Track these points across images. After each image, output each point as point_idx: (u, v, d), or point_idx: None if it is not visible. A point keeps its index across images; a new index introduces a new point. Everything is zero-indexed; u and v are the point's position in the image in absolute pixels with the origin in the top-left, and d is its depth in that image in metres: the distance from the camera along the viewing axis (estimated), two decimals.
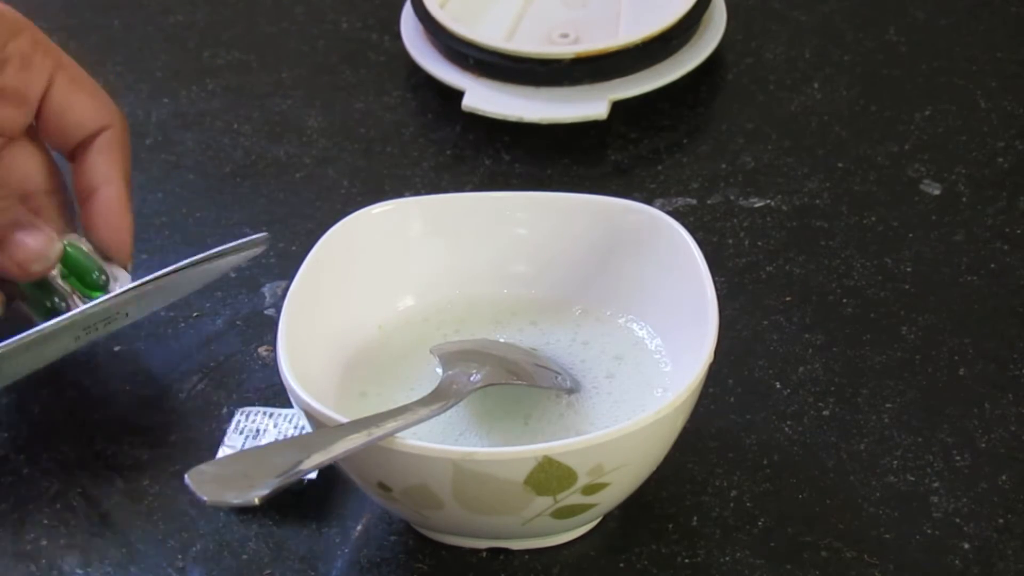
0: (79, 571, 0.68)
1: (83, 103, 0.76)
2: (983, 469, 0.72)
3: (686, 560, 0.68)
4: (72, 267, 0.75)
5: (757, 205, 0.87)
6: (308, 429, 0.67)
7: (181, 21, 1.05)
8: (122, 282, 0.76)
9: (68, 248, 0.75)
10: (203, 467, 0.60)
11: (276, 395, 0.75)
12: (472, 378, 0.69)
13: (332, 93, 0.98)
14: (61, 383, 0.77)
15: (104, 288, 0.75)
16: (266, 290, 0.83)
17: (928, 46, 1.00)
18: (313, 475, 0.70)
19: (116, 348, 0.79)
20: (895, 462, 0.72)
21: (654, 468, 0.67)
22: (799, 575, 0.67)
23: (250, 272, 0.84)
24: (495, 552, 0.68)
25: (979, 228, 0.85)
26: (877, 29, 1.01)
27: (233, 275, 0.84)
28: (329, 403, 0.66)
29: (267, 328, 0.79)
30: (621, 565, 0.68)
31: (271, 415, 0.74)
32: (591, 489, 0.64)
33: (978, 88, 0.96)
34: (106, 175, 0.76)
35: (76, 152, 0.77)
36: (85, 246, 0.76)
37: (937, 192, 0.88)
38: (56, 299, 0.75)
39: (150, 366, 0.78)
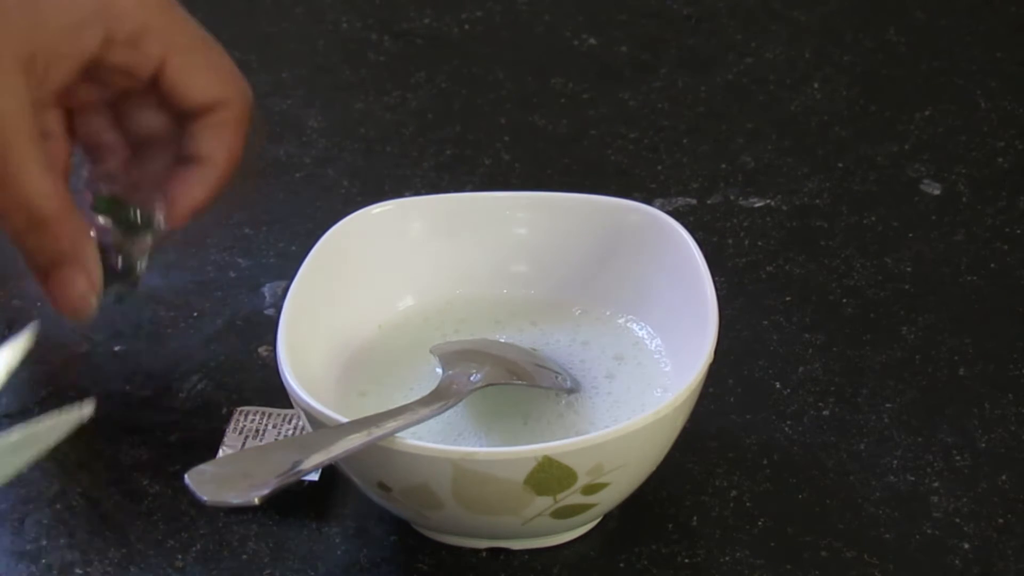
0: (79, 571, 0.68)
1: (195, 80, 0.72)
2: (983, 469, 0.72)
3: (686, 560, 0.68)
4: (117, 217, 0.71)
5: (757, 205, 0.87)
6: (308, 429, 0.67)
7: None
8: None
9: (108, 199, 0.71)
10: (203, 467, 0.60)
11: (276, 395, 0.75)
12: (472, 378, 0.69)
13: (332, 93, 0.98)
14: (61, 383, 0.77)
15: (151, 225, 0.71)
16: (266, 290, 0.83)
17: (928, 46, 1.00)
18: (314, 475, 0.70)
19: (116, 348, 0.79)
20: (895, 462, 0.72)
21: (654, 468, 0.67)
22: (799, 575, 0.67)
23: (250, 272, 0.84)
24: (495, 552, 0.68)
25: (979, 228, 0.85)
26: (877, 29, 1.01)
27: (233, 275, 0.84)
28: (329, 403, 0.66)
29: (267, 328, 0.79)
30: (621, 565, 0.68)
31: (271, 415, 0.74)
32: (591, 489, 0.64)
33: (978, 88, 0.96)
34: (208, 154, 0.72)
35: (186, 124, 0.72)
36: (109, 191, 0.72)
37: (937, 192, 0.88)
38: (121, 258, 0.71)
39: (150, 366, 0.78)
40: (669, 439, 0.67)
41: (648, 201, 0.79)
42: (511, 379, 0.70)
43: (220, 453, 0.73)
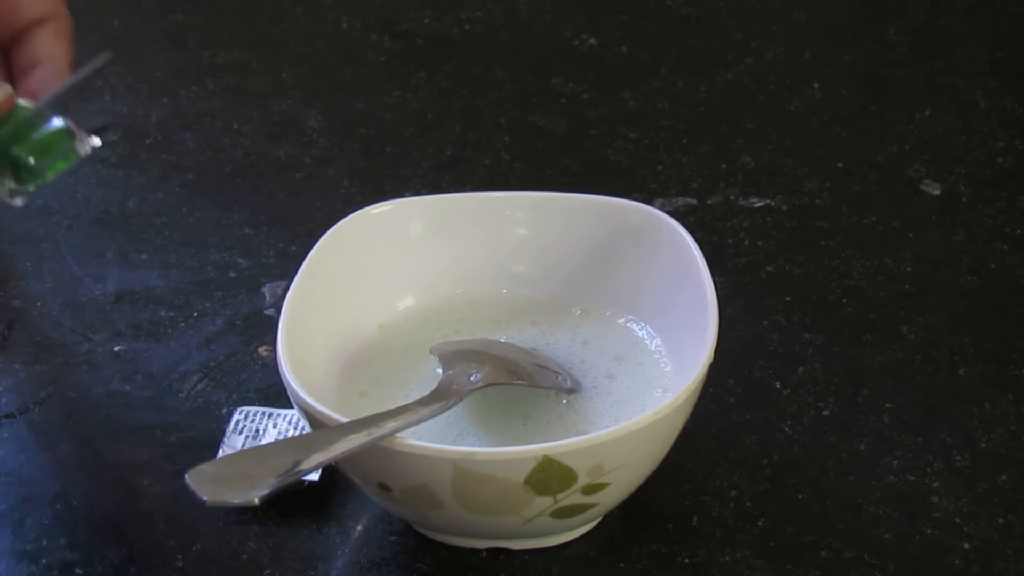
0: (79, 571, 0.68)
1: None
2: (983, 469, 0.72)
3: (686, 560, 0.68)
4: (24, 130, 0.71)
5: (757, 205, 0.87)
6: (308, 429, 0.67)
7: (181, 21, 1.05)
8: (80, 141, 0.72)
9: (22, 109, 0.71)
10: (203, 467, 0.60)
11: (276, 395, 0.75)
12: (472, 378, 0.69)
13: (332, 93, 0.98)
14: (61, 383, 0.77)
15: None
16: (266, 290, 0.83)
17: (928, 46, 1.00)
18: (314, 475, 0.70)
19: (116, 348, 0.79)
20: (895, 462, 0.72)
21: (654, 468, 0.67)
22: (799, 575, 0.67)
23: (250, 272, 0.84)
24: (495, 552, 0.68)
25: (979, 228, 0.85)
26: (877, 29, 1.01)
27: (233, 275, 0.84)
28: (329, 403, 0.66)
29: (267, 328, 0.79)
30: (621, 565, 0.68)
31: (271, 415, 0.74)
32: (591, 489, 0.64)
33: (978, 88, 0.96)
34: (50, 55, 0.74)
35: (17, 38, 0.74)
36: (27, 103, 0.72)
37: (937, 192, 0.88)
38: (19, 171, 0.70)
39: (150, 366, 0.78)
40: (669, 439, 0.67)
41: (648, 201, 0.79)
42: (511, 379, 0.70)
43: (220, 453, 0.73)
